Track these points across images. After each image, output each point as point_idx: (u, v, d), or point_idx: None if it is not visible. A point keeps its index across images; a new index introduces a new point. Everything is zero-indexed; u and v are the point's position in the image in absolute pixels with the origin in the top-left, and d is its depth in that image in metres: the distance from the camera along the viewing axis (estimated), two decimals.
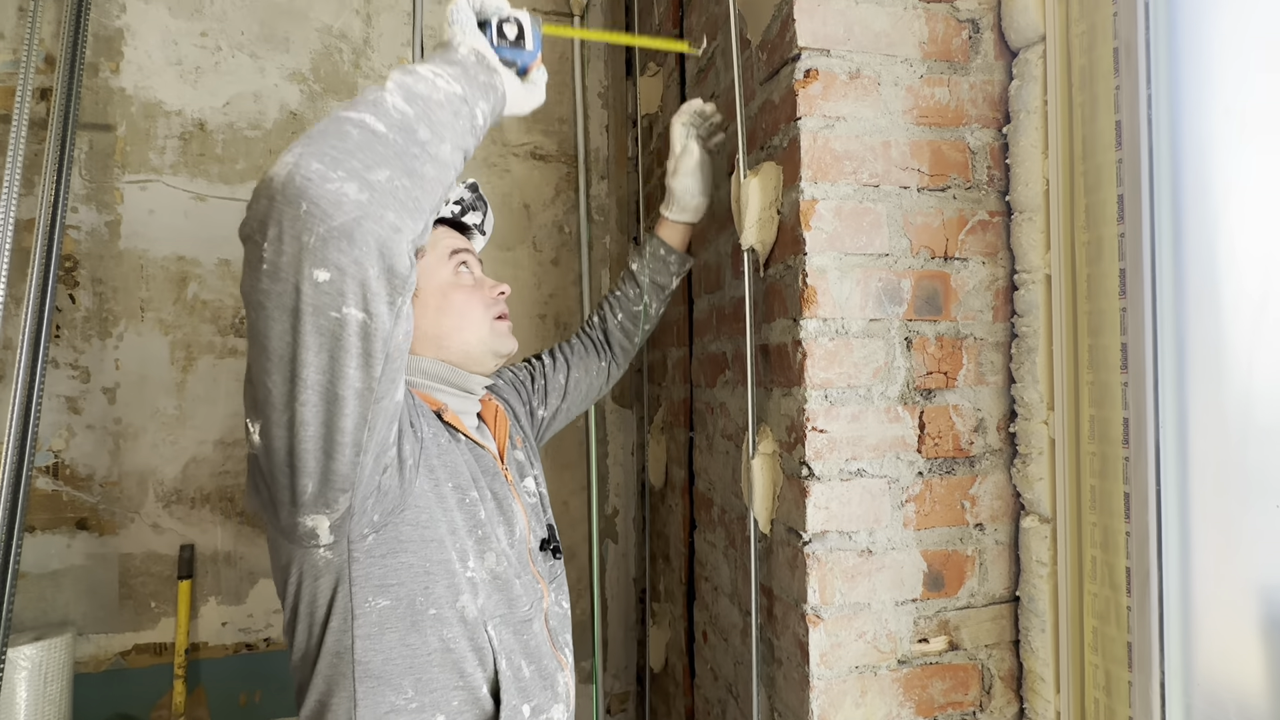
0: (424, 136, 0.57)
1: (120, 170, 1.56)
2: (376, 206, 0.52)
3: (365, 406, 0.57)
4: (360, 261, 0.52)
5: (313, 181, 0.50)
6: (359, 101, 0.57)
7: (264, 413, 0.56)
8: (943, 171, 0.89)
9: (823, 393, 0.85)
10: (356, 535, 0.66)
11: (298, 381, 0.54)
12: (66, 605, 1.51)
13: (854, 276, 0.86)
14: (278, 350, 0.53)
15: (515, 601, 0.76)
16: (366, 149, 0.53)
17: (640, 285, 1.10)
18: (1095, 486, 0.78)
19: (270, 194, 0.51)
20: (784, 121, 0.89)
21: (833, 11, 0.86)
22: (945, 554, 0.88)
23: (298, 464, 0.57)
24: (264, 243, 0.51)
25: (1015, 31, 0.88)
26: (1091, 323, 0.79)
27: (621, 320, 1.11)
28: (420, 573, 0.69)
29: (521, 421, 0.99)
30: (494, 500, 0.79)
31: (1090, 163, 0.79)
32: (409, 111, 0.57)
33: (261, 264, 0.51)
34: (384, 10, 1.72)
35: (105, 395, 1.54)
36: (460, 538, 0.72)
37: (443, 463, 0.74)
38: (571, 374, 1.08)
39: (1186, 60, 0.70)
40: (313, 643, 0.68)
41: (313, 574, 0.67)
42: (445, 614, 0.69)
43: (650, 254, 1.10)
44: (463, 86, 0.62)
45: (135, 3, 1.57)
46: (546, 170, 1.83)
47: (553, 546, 0.87)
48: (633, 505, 1.87)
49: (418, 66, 0.61)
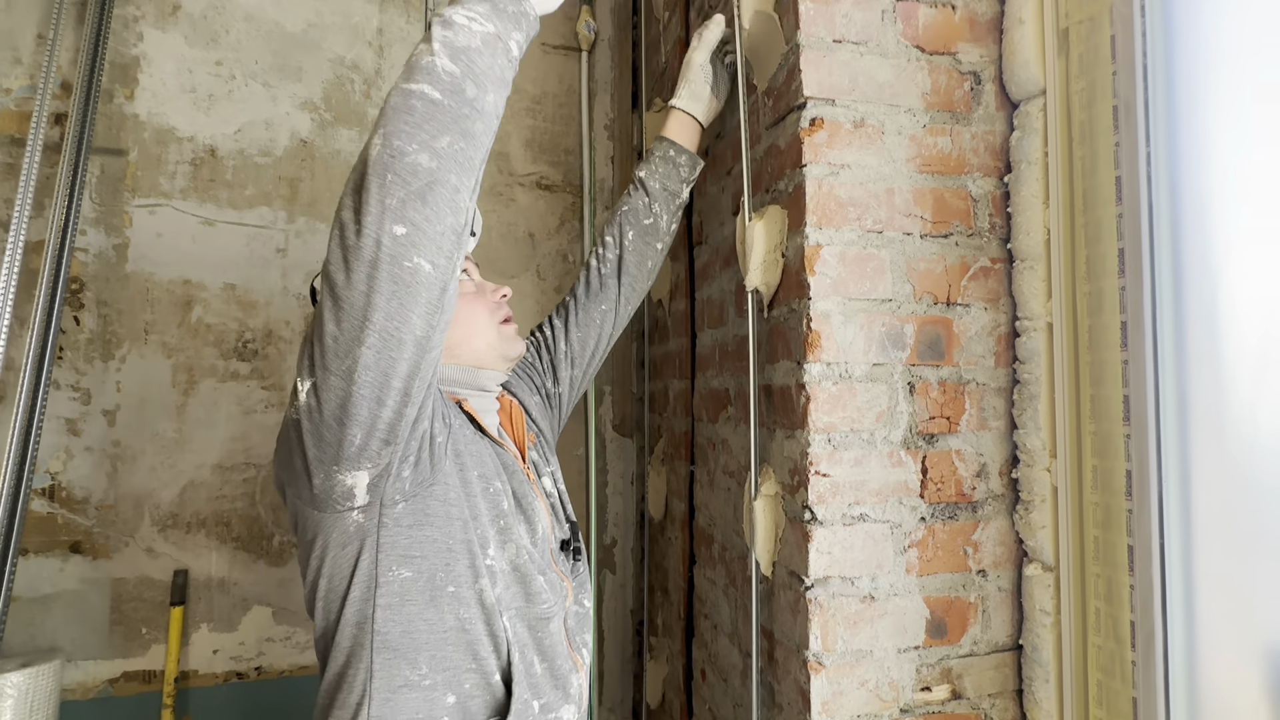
0: (471, 94, 0.65)
1: (130, 194, 1.57)
2: (443, 171, 0.62)
3: (420, 354, 0.63)
4: (430, 219, 0.61)
5: (395, 157, 0.60)
6: (415, 69, 0.64)
7: (325, 364, 0.62)
8: (945, 218, 0.91)
9: (826, 437, 0.85)
10: (389, 500, 0.69)
11: (366, 325, 0.60)
12: (56, 631, 1.49)
13: (858, 321, 0.87)
14: (351, 299, 0.60)
15: (534, 597, 0.77)
16: (430, 119, 0.62)
17: (650, 192, 1.04)
18: (1099, 537, 0.78)
19: (364, 169, 0.61)
20: (789, 167, 0.90)
21: (838, 62, 0.88)
22: (948, 600, 0.88)
23: (350, 412, 0.62)
24: (356, 206, 0.60)
25: (1016, 85, 0.90)
26: (1093, 373, 0.79)
27: (634, 239, 1.04)
28: (443, 549, 0.71)
29: (533, 414, 0.99)
30: (515, 497, 0.80)
31: (1091, 215, 0.80)
32: (455, 71, 0.64)
33: (350, 225, 0.60)
34: (396, 42, 1.75)
35: (105, 417, 1.54)
36: (482, 524, 0.75)
37: (469, 451, 0.77)
38: (573, 336, 1.04)
39: (1185, 121, 0.71)
40: (333, 615, 0.71)
41: (340, 541, 0.69)
42: (464, 593, 0.72)
43: (660, 157, 1.05)
44: (495, 24, 0.68)
45: (153, 31, 1.60)
46: (552, 200, 1.85)
47: (574, 548, 0.88)
48: (631, 536, 1.86)
49: (453, 14, 0.67)
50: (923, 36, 0.91)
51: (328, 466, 0.65)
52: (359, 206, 0.60)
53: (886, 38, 0.90)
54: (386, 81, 1.74)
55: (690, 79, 1.05)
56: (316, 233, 1.68)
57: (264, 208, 1.64)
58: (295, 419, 0.65)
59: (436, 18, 0.68)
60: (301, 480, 0.67)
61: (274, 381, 1.64)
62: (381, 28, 1.74)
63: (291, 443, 0.67)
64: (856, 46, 0.89)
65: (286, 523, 1.63)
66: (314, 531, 0.70)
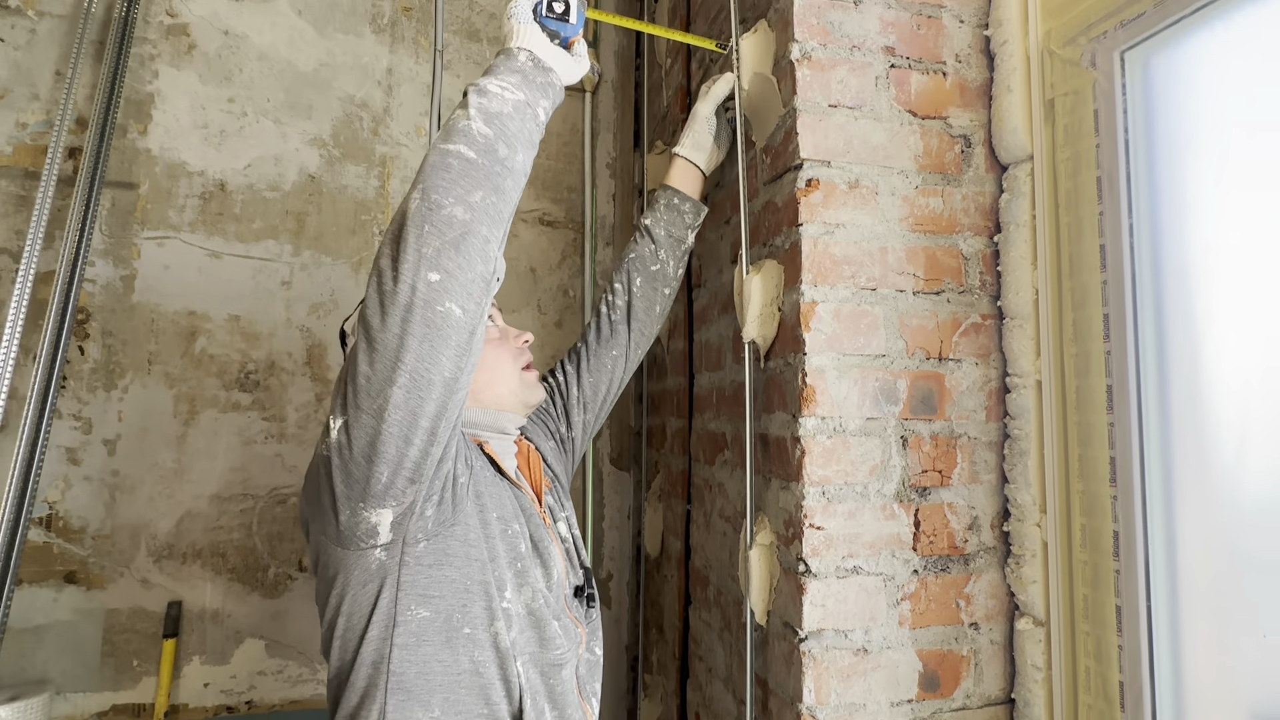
0: (503, 154, 0.71)
1: (140, 226, 1.60)
2: (476, 223, 0.68)
3: (448, 395, 0.67)
4: (463, 266, 0.66)
5: (433, 209, 0.66)
6: (452, 131, 0.71)
7: (357, 403, 0.66)
8: (937, 276, 0.93)
9: (820, 489, 0.87)
10: (411, 538, 0.72)
11: (398, 366, 0.65)
12: (46, 662, 1.48)
13: (852, 376, 0.89)
14: (385, 341, 0.65)
15: (549, 642, 0.78)
16: (465, 176, 0.68)
17: (655, 239, 1.07)
18: (1088, 596, 0.79)
19: (402, 220, 0.66)
20: (786, 225, 0.93)
21: (833, 126, 0.92)
22: (941, 654, 0.89)
23: (378, 449, 0.66)
24: (394, 254, 0.66)
25: (1005, 149, 0.93)
26: (1081, 433, 0.81)
27: (642, 286, 1.06)
28: (461, 589, 0.73)
29: (549, 459, 1.01)
30: (532, 541, 0.82)
31: (1077, 280, 0.82)
32: (489, 133, 0.71)
33: (388, 271, 0.65)
34: (405, 82, 1.80)
35: (106, 447, 1.54)
36: (500, 566, 0.76)
37: (489, 493, 0.79)
38: (584, 382, 1.06)
39: (1166, 196, 0.74)
40: (349, 654, 0.72)
41: (361, 579, 0.71)
42: (479, 635, 0.73)
43: (664, 205, 1.08)
44: (525, 93, 0.76)
45: (168, 69, 1.65)
46: (554, 236, 1.88)
47: (588, 594, 0.89)
48: (627, 571, 1.86)
49: (487, 83, 0.74)
50: (915, 101, 0.95)
51: (354, 503, 0.68)
52: (397, 254, 0.65)
53: (880, 102, 0.94)
54: (395, 119, 1.78)
55: (695, 129, 1.09)
56: (321, 266, 1.70)
57: (270, 241, 1.67)
58: (326, 455, 0.68)
59: (472, 86, 0.74)
60: (328, 516, 0.70)
61: (274, 413, 1.65)
62: (391, 68, 1.79)
63: (320, 479, 0.70)
64: (851, 111, 0.92)
65: (283, 554, 1.63)
66: (336, 569, 0.72)
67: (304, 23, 1.74)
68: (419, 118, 1.80)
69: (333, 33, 1.75)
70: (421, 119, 1.80)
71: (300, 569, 1.64)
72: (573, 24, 0.83)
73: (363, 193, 1.74)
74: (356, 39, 1.77)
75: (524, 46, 0.79)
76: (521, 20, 0.80)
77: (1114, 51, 0.78)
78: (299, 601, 1.63)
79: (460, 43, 1.84)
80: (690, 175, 1.10)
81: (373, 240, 1.74)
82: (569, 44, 0.84)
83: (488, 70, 0.77)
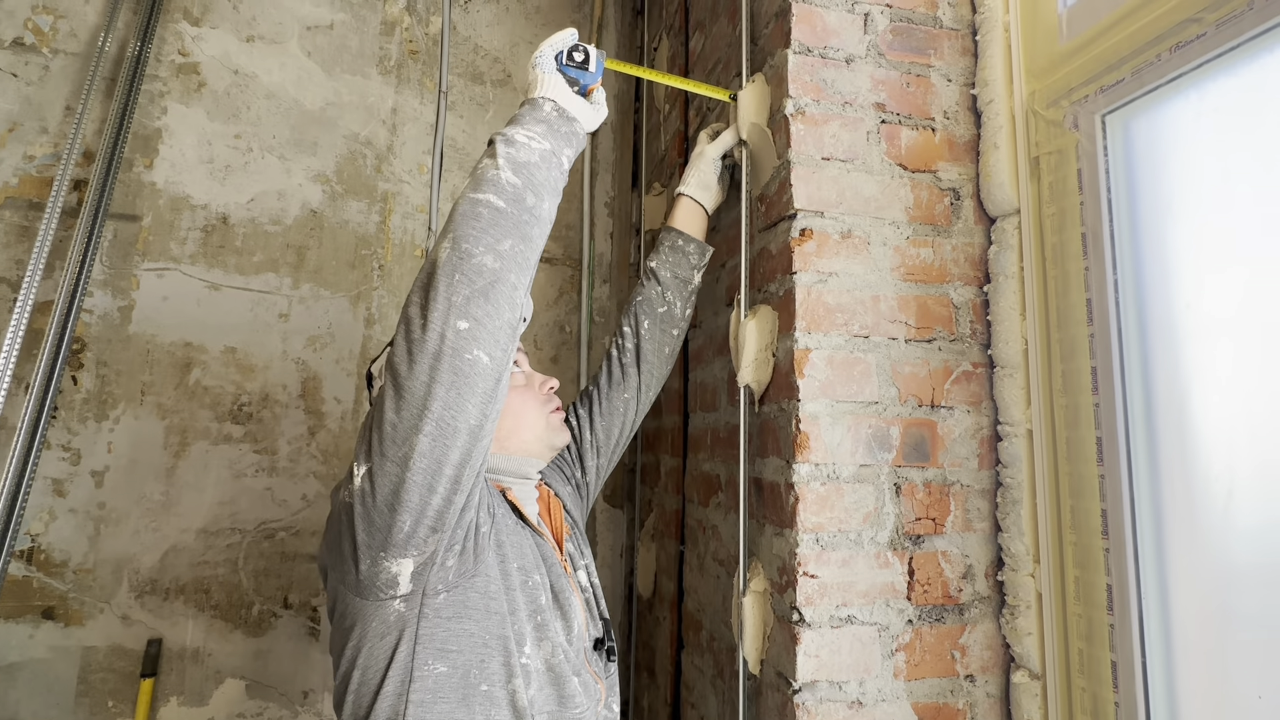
0: (530, 202, 0.73)
1: (140, 258, 1.61)
2: (505, 271, 0.69)
3: (473, 443, 0.67)
4: (491, 314, 0.67)
5: (463, 259, 0.67)
6: (482, 181, 0.72)
7: (382, 450, 0.65)
8: (929, 324, 0.95)
9: (814, 536, 0.86)
10: (431, 590, 0.71)
11: (425, 414, 0.65)
12: (19, 702, 1.43)
13: (845, 423, 0.89)
14: (412, 389, 0.65)
15: (568, 700, 0.76)
16: (495, 225, 0.70)
17: (662, 281, 1.08)
18: (1083, 651, 0.79)
19: (432, 269, 0.67)
20: (781, 272, 0.95)
21: (826, 178, 0.94)
22: (936, 707, 0.87)
23: (402, 498, 0.65)
24: (423, 302, 0.66)
25: (992, 203, 0.96)
26: (1073, 484, 0.82)
27: (649, 329, 1.06)
28: (479, 644, 0.72)
29: (569, 505, 1.00)
30: (553, 592, 0.81)
31: (1065, 333, 0.84)
32: (518, 183, 0.73)
33: (416, 319, 0.66)
34: (408, 121, 1.84)
35: (93, 479, 1.53)
36: (520, 620, 0.75)
37: (511, 542, 0.79)
38: (598, 426, 1.05)
39: (1149, 254, 0.76)
40: (363, 709, 0.70)
41: (379, 631, 0.70)
42: (496, 693, 0.71)
43: (668, 247, 1.09)
44: (550, 142, 0.78)
45: (177, 106, 1.68)
46: (551, 273, 1.90)
47: (607, 648, 0.87)
48: (619, 610, 1.83)
49: (514, 133, 0.77)
50: (905, 155, 0.98)
51: (375, 552, 0.67)
52: (426, 302, 0.66)
53: (871, 156, 0.97)
54: (398, 157, 1.82)
55: (701, 169, 1.11)
56: (320, 299, 1.71)
57: (270, 274, 1.69)
58: (348, 502, 0.68)
59: (499, 136, 0.77)
60: (348, 565, 0.69)
61: (266, 445, 1.64)
62: (396, 108, 1.83)
63: (342, 526, 0.69)
64: (844, 164, 0.95)
65: (268, 590, 1.60)
66: (353, 619, 0.71)
67: (313, 64, 1.78)
68: (422, 156, 1.83)
69: (340, 73, 1.80)
70: (424, 157, 1.83)
71: (286, 605, 1.61)
72: (592, 72, 0.86)
73: (364, 228, 1.77)
74: (363, 79, 1.81)
75: (548, 96, 0.81)
76: (545, 70, 0.83)
77: (1095, 114, 0.81)
78: (282, 640, 1.59)
79: (464, 84, 1.89)
80: (695, 215, 1.12)
81: (372, 274, 1.76)
82: (588, 91, 0.87)
83: (514, 120, 0.79)
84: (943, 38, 1.02)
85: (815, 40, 0.97)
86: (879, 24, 1.00)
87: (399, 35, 1.86)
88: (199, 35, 1.72)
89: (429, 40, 1.88)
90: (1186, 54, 0.70)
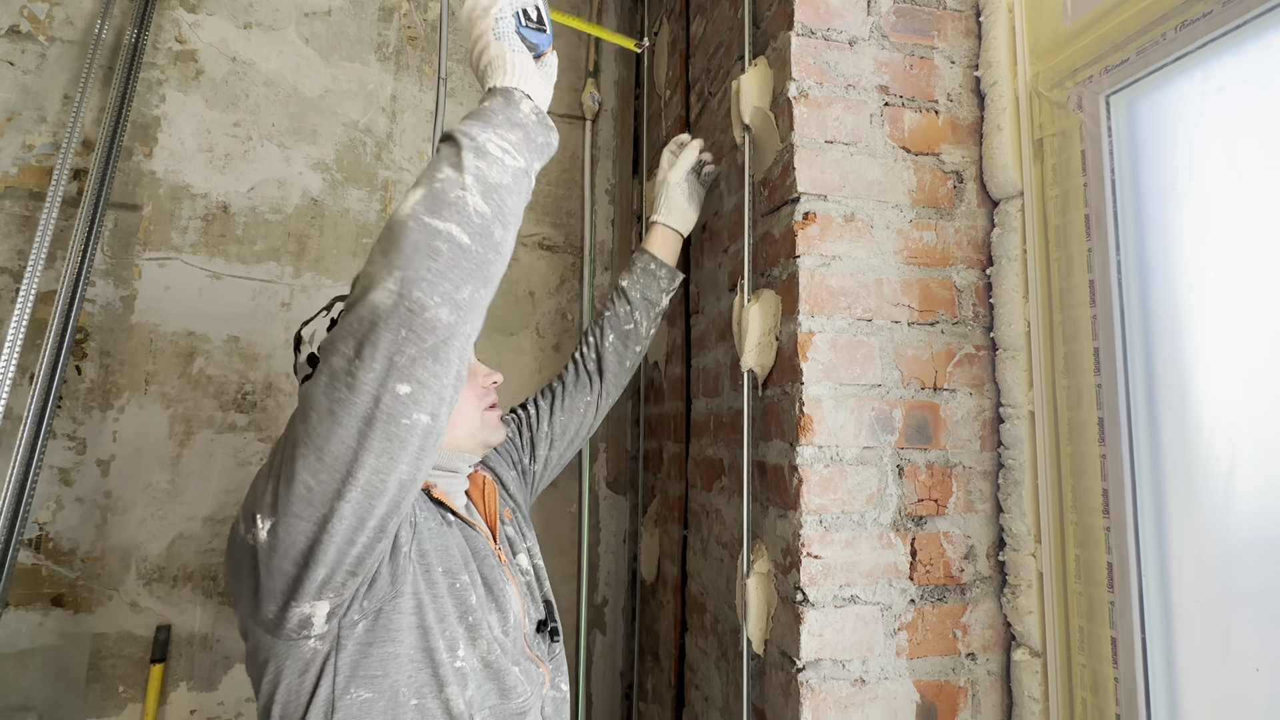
0: (498, 237, 0.62)
1: (142, 247, 1.61)
2: (460, 324, 0.58)
3: (404, 494, 0.60)
4: (440, 376, 0.58)
5: (414, 312, 0.55)
6: (442, 203, 0.59)
7: (292, 510, 0.57)
8: (931, 307, 0.95)
9: (818, 518, 0.87)
10: (348, 622, 0.65)
11: (349, 481, 0.56)
12: (30, 688, 1.45)
13: (848, 406, 0.90)
14: (335, 453, 0.56)
15: (509, 692, 0.74)
16: (455, 267, 0.58)
17: (630, 301, 1.10)
18: (1083, 628, 0.80)
19: (374, 318, 0.55)
20: (784, 256, 0.95)
21: (830, 161, 0.94)
22: (938, 685, 0.89)
23: (316, 556, 0.58)
24: (354, 358, 0.56)
25: (995, 185, 0.96)
26: (1074, 465, 0.82)
27: (614, 342, 1.09)
28: (406, 662, 0.68)
29: (510, 489, 0.98)
30: (485, 585, 0.77)
31: (1067, 314, 0.84)
32: (486, 212, 0.61)
33: (344, 376, 0.56)
34: (408, 108, 1.83)
35: (99, 467, 1.53)
36: (450, 625, 0.71)
37: (434, 546, 0.74)
38: (556, 419, 1.06)
39: (1153, 234, 0.76)
40: None
41: (296, 669, 0.65)
42: (428, 704, 0.68)
43: (641, 269, 1.11)
44: (524, 158, 0.66)
45: (175, 94, 1.67)
46: (553, 260, 1.90)
47: (550, 629, 0.86)
48: (623, 595, 1.84)
49: (487, 139, 0.63)
50: (908, 138, 0.98)
51: (284, 599, 0.61)
52: (359, 355, 0.55)
53: (875, 139, 0.96)
54: (398, 144, 1.81)
55: (669, 195, 1.13)
56: (321, 288, 1.71)
57: (271, 263, 1.69)
58: (251, 547, 0.60)
59: (466, 138, 0.63)
60: (255, 605, 0.62)
61: (270, 433, 1.65)
62: (395, 95, 1.82)
63: (243, 567, 0.62)
64: (847, 147, 0.95)
65: None
66: (266, 655, 0.65)
67: (311, 50, 1.77)
68: (422, 143, 1.83)
69: (339, 60, 1.79)
70: (424, 144, 1.83)
71: None
72: (547, 34, 0.75)
73: (364, 216, 1.76)
74: (362, 66, 1.80)
75: (524, 90, 0.69)
76: (510, 42, 0.69)
77: (1099, 95, 0.81)
78: None
79: (464, 71, 1.88)
80: (668, 239, 1.14)
81: None
82: (540, 57, 0.74)
83: (484, 116, 0.66)
84: (946, 19, 1.01)
85: (818, 22, 0.96)
86: (882, 5, 0.99)
87: (397, 21, 1.85)
88: (196, 22, 1.70)
89: (427, 26, 1.87)
90: (1192, 32, 0.70)
